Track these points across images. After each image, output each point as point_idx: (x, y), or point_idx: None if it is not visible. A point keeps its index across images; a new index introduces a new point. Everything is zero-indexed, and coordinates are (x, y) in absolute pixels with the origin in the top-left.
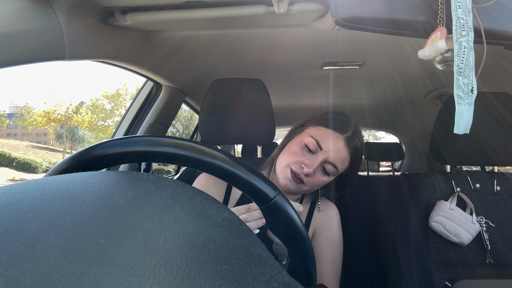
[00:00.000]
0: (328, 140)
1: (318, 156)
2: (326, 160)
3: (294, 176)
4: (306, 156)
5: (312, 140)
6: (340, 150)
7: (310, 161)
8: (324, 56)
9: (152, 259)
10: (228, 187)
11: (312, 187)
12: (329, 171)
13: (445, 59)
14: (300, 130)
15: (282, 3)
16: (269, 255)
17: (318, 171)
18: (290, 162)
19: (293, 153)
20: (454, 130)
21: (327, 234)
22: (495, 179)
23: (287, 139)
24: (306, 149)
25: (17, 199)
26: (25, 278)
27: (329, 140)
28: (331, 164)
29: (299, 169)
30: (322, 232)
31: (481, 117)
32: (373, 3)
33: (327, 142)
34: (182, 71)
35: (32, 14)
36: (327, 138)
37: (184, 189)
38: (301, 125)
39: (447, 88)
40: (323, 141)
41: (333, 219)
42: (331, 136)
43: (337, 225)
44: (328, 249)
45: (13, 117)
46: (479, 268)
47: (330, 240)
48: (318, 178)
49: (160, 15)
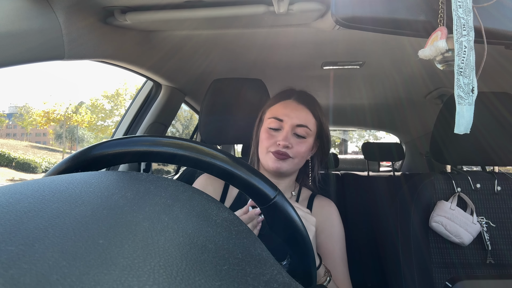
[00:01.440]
0: (282, 110)
1: (284, 127)
2: (293, 125)
3: (278, 154)
4: (276, 135)
5: (271, 119)
6: (296, 109)
7: (281, 135)
8: (324, 55)
9: (151, 260)
10: (225, 185)
11: (299, 156)
12: (302, 134)
13: (446, 58)
14: (260, 123)
15: (282, 2)
16: (269, 256)
17: (293, 139)
18: (267, 147)
19: (264, 139)
20: (455, 130)
21: (330, 230)
22: (496, 179)
23: (255, 136)
24: (272, 130)
25: (16, 199)
26: (24, 279)
27: (283, 109)
28: (299, 126)
29: (277, 147)
30: (325, 229)
31: (482, 117)
32: (373, 2)
33: (283, 112)
34: (182, 70)
35: (32, 13)
36: (281, 110)
37: (184, 189)
38: (259, 119)
39: (447, 88)
40: (279, 114)
41: (333, 214)
42: (282, 106)
43: (338, 220)
44: (334, 244)
45: (13, 117)
46: (479, 269)
47: (335, 236)
48: (298, 146)
49: (160, 15)
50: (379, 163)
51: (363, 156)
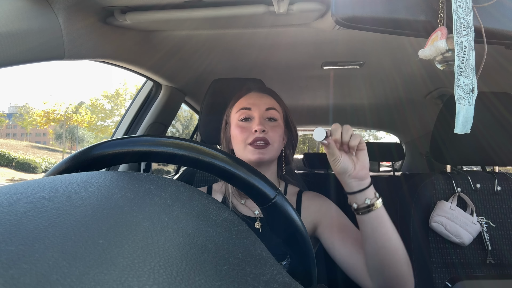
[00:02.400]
0: (247, 101)
1: (255, 115)
2: (262, 110)
3: (256, 144)
4: (248, 126)
5: (239, 112)
6: (261, 97)
7: (254, 122)
8: (324, 56)
9: (151, 260)
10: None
11: (277, 141)
12: (274, 116)
13: (446, 58)
14: (227, 126)
15: (282, 2)
16: (269, 255)
17: (267, 124)
18: (243, 140)
19: (238, 134)
20: (455, 130)
21: (329, 219)
22: (496, 179)
23: (224, 139)
24: (243, 122)
25: (16, 199)
26: (24, 279)
27: (248, 100)
28: (269, 109)
29: (253, 135)
30: (322, 220)
31: (482, 117)
32: (373, 2)
33: (248, 102)
34: (182, 70)
35: (32, 13)
36: (246, 101)
37: (184, 189)
38: (224, 122)
39: (447, 88)
40: (246, 104)
41: (325, 202)
42: (246, 98)
43: (333, 206)
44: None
45: (13, 117)
46: (479, 268)
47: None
48: (273, 130)
49: (160, 15)
50: (379, 163)
51: None
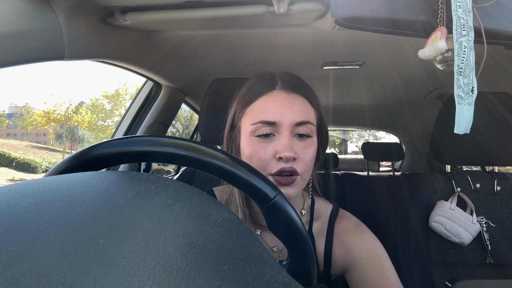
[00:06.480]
0: (270, 108)
1: (281, 131)
2: (291, 125)
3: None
4: (267, 145)
5: (257, 125)
6: (289, 101)
7: (279, 143)
8: (324, 56)
9: (152, 259)
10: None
11: (307, 168)
12: (305, 132)
13: (445, 59)
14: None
15: (282, 2)
16: (269, 255)
17: (296, 145)
18: (261, 166)
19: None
20: (455, 130)
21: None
22: (496, 179)
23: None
24: (262, 140)
25: (16, 199)
26: (24, 278)
27: (270, 106)
28: (299, 123)
29: (278, 164)
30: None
31: (482, 117)
32: (373, 2)
33: (273, 111)
34: (182, 71)
35: (32, 14)
36: (268, 108)
37: (184, 189)
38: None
39: (447, 88)
40: (268, 114)
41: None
42: (267, 102)
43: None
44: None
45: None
46: (479, 268)
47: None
48: (304, 153)
49: (160, 15)
50: (379, 163)
51: (363, 156)
